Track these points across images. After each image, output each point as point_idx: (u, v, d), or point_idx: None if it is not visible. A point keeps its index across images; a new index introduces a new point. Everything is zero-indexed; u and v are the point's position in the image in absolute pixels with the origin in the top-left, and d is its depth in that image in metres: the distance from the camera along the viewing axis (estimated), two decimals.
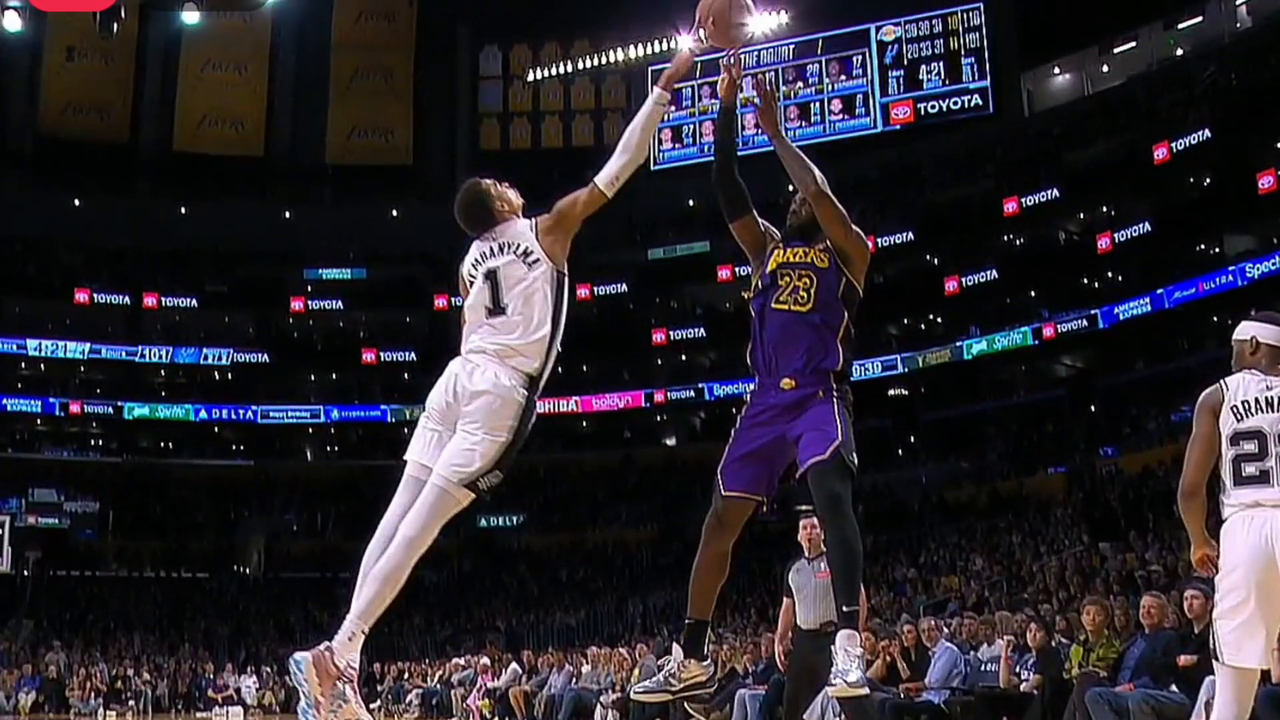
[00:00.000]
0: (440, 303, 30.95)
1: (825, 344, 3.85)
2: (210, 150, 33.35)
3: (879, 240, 26.55)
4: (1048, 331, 26.92)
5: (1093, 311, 26.23)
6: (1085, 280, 27.74)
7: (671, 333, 31.28)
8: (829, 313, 3.88)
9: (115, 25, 17.13)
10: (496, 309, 3.77)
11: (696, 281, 31.14)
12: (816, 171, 3.96)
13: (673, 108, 32.40)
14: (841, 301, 3.91)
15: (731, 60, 4.10)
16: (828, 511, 3.69)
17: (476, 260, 3.86)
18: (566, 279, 3.83)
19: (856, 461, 3.75)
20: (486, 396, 3.67)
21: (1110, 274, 27.31)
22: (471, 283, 3.85)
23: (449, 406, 3.72)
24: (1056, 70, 31.02)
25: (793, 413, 3.80)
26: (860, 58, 31.96)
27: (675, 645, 4.02)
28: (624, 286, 31.34)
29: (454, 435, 3.70)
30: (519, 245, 3.81)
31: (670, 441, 32.53)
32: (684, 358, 32.14)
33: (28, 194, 31.20)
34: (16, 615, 25.76)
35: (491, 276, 3.79)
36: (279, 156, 33.94)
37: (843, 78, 32.04)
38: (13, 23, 17.23)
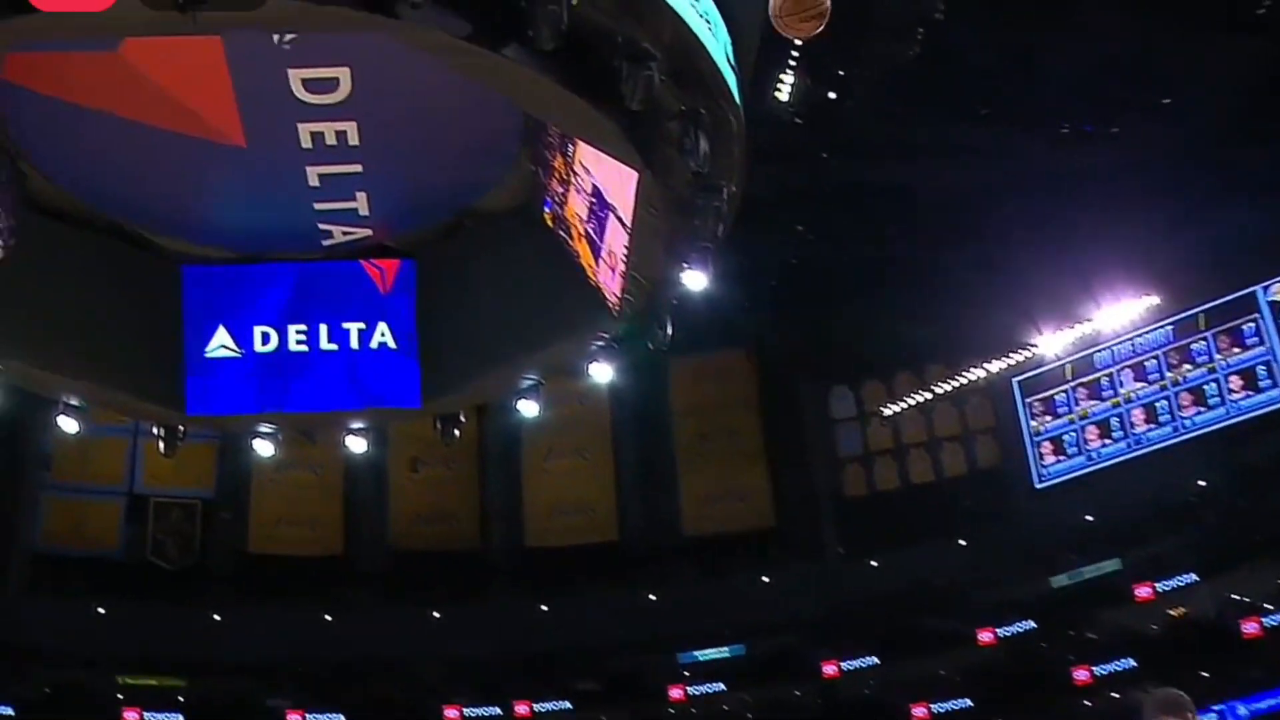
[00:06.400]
0: (829, 670, 30.51)
1: None
2: (563, 542, 34.40)
3: None
4: None
5: None
6: None
7: (1095, 669, 29.63)
8: None
9: (456, 431, 18.31)
10: None
11: (1112, 605, 29.71)
12: None
13: (1048, 417, 31.93)
14: None
15: None
16: None
17: None
18: None
19: None
20: None
21: None
22: None
23: None
24: None
25: None
26: (1252, 324, 30.81)
27: None
28: (1030, 623, 30.12)
29: None
30: None
31: None
32: (1115, 695, 30.29)
33: (385, 612, 32.80)
34: None
35: None
36: (634, 538, 34.66)
37: (1236, 350, 30.85)
38: (358, 445, 18.61)
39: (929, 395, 32.94)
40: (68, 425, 16.45)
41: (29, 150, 14.11)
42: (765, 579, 32.52)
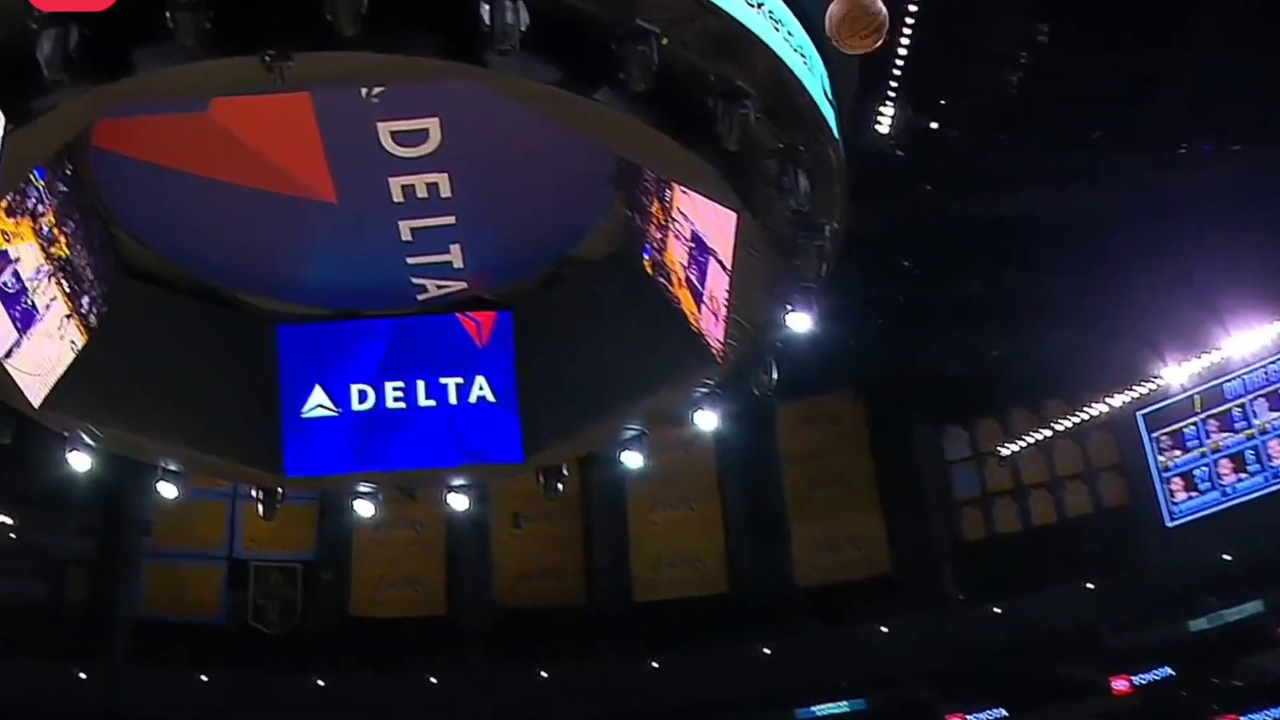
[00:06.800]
0: None
1: None
2: (671, 595, 34.10)
3: None
4: None
5: None
6: None
7: (1241, 718, 28.76)
8: None
9: (560, 484, 18.29)
10: None
11: (1256, 650, 28.86)
12: None
13: (1177, 452, 31.27)
14: None
15: None
16: None
17: None
18: None
19: None
20: None
21: None
22: None
23: None
24: None
25: None
26: None
27: None
28: (1168, 670, 29.36)
29: None
30: None
31: None
32: None
33: (490, 672, 32.65)
34: None
35: None
36: (744, 589, 34.26)
37: None
38: (459, 503, 18.67)
39: (1048, 432, 32.27)
40: (166, 490, 16.75)
41: (121, 215, 14.44)
42: (883, 629, 32.03)
